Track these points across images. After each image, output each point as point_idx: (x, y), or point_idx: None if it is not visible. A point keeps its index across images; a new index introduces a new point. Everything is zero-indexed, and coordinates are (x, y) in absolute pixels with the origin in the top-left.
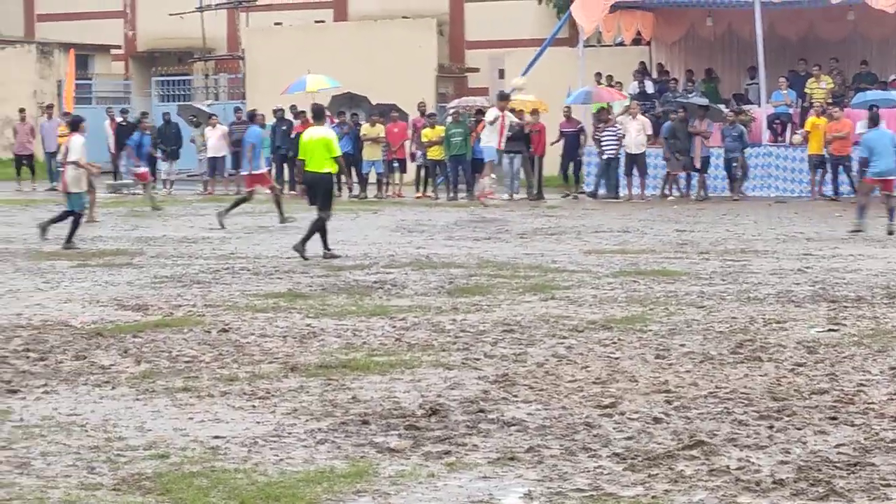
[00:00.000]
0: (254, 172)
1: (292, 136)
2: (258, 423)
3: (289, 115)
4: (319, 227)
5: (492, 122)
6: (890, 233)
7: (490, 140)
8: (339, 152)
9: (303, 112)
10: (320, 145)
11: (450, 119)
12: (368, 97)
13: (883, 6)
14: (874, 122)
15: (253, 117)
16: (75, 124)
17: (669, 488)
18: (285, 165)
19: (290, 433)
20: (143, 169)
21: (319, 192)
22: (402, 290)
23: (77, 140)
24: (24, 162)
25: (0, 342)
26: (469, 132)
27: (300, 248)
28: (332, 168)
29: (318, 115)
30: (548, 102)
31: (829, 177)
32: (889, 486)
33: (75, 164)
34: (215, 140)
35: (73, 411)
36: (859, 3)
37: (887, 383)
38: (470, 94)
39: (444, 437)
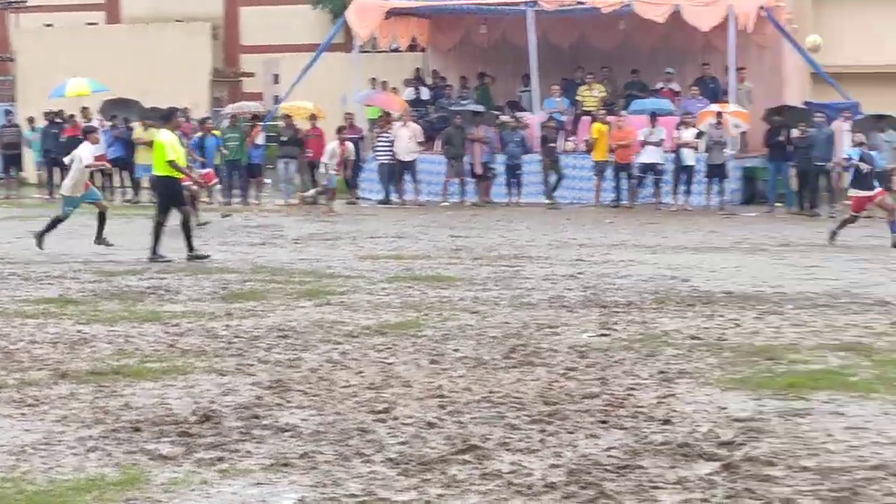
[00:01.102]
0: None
1: (62, 139)
2: (27, 430)
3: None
4: (157, 230)
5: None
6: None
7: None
8: (170, 156)
9: (72, 116)
10: (157, 149)
11: (226, 123)
12: (141, 101)
13: (652, 16)
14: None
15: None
16: (86, 132)
17: (442, 493)
18: (55, 169)
19: (59, 441)
20: None
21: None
22: (176, 296)
23: (87, 148)
24: None
25: None
26: (245, 137)
27: (193, 255)
28: (170, 172)
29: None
30: (323, 108)
31: (611, 184)
32: (657, 487)
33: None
34: None
35: None
36: (630, 12)
37: (656, 387)
38: (245, 98)
39: (217, 443)
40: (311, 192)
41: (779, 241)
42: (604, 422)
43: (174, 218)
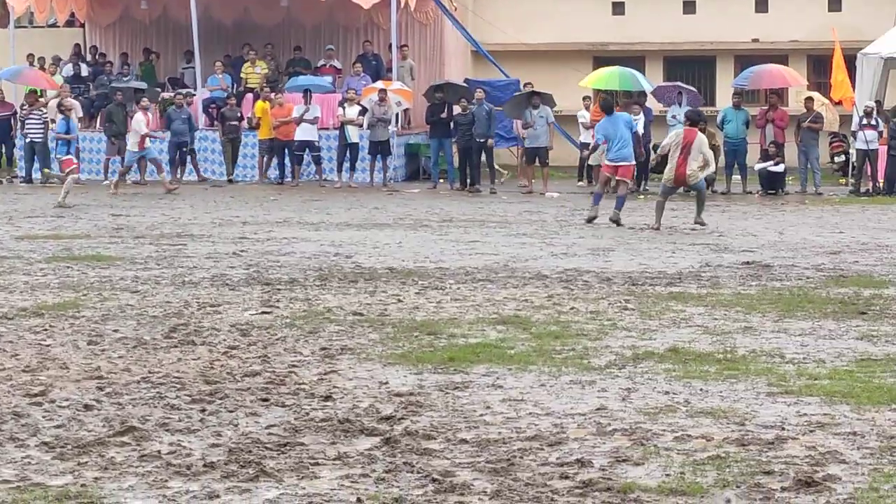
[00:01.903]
0: None
1: None
2: None
3: None
4: None
5: None
6: (613, 220)
7: None
8: None
9: None
10: None
11: None
12: None
13: None
14: (608, 110)
15: None
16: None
17: (100, 475)
18: None
19: None
20: None
21: None
22: None
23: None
24: None
25: None
26: None
27: None
28: None
29: None
30: None
31: (275, 161)
32: (317, 464)
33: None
34: None
35: None
36: None
37: (318, 363)
38: None
39: None
40: None
41: (441, 216)
42: (265, 400)
43: None
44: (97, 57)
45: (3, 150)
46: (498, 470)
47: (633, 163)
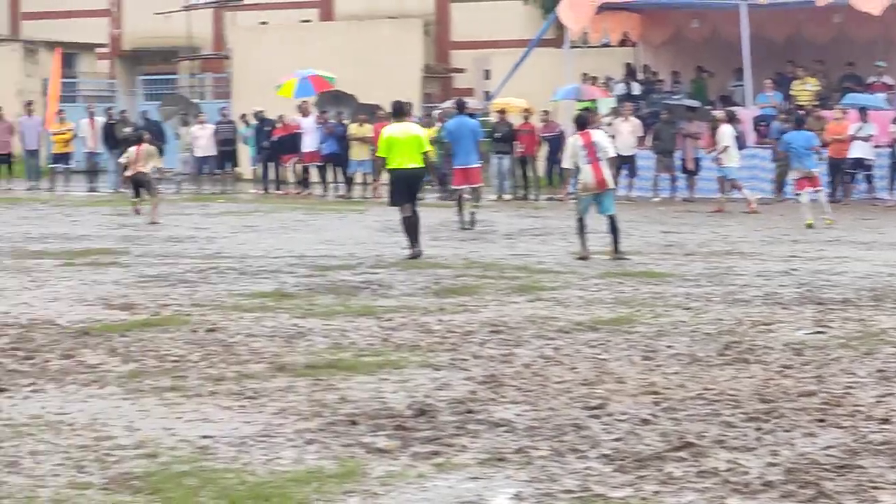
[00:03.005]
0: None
1: (274, 138)
2: (247, 422)
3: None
4: (413, 224)
5: None
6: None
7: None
8: (428, 147)
9: (282, 116)
10: (413, 142)
11: (437, 121)
12: (356, 96)
13: (868, 8)
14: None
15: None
16: None
17: (659, 490)
18: (270, 165)
19: (278, 433)
20: None
21: (414, 187)
22: (389, 291)
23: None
24: (1, 160)
25: None
26: None
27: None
28: (421, 163)
29: (399, 112)
30: (534, 104)
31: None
32: (878, 487)
33: None
34: (205, 139)
35: (61, 410)
36: (845, 5)
37: (874, 385)
38: (456, 94)
39: (433, 437)
40: None
41: None
42: (821, 420)
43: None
44: (648, 75)
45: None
46: None
47: None
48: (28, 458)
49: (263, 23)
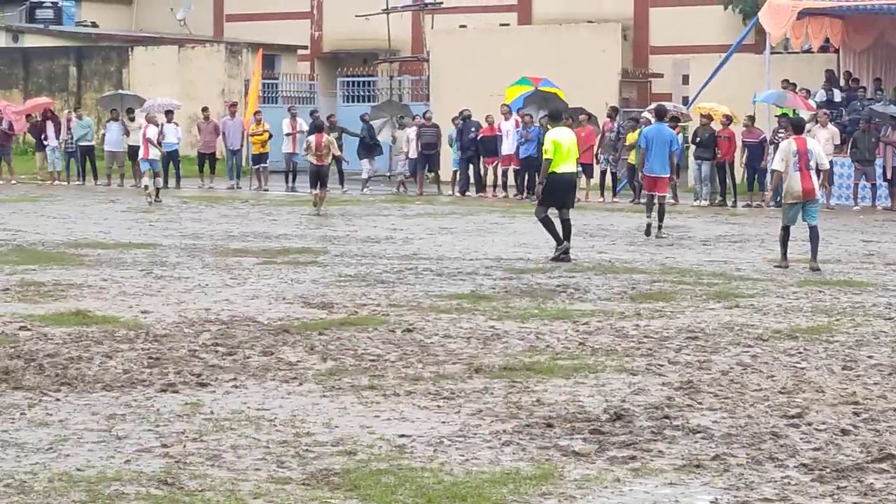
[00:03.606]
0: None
1: (478, 137)
2: (443, 422)
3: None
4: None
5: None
6: None
7: None
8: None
9: (489, 116)
10: (574, 147)
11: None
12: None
13: None
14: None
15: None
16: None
17: (859, 501)
18: (471, 165)
19: (475, 434)
20: None
21: (570, 192)
22: (585, 295)
23: None
24: (206, 160)
25: (190, 336)
26: None
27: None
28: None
29: (557, 117)
30: (733, 109)
31: None
32: None
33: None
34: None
35: (261, 406)
36: None
37: None
38: (654, 99)
39: (629, 442)
40: None
41: None
42: None
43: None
44: (850, 82)
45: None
46: None
47: None
48: (230, 452)
49: (462, 26)
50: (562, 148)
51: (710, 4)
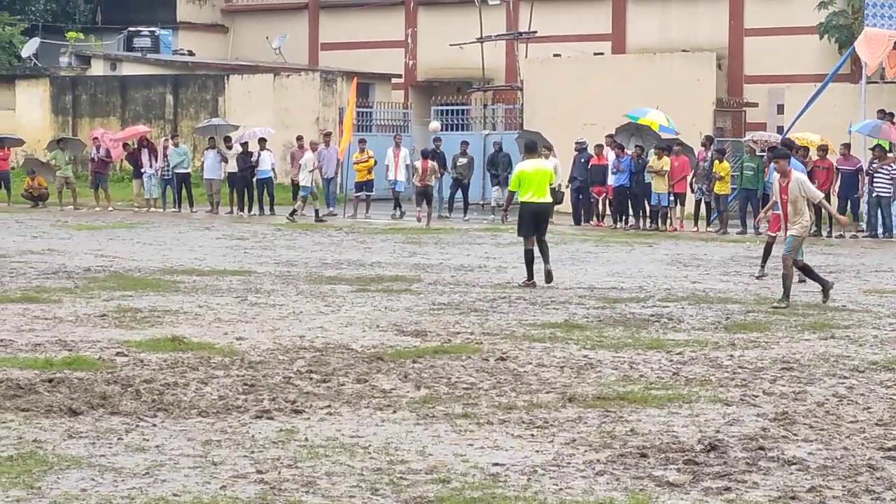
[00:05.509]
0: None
1: (588, 166)
2: (537, 451)
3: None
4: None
5: None
6: None
7: None
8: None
9: (600, 146)
10: (542, 177)
11: (746, 153)
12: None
13: None
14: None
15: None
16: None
17: None
18: (581, 195)
19: (569, 463)
20: None
21: (542, 221)
22: (679, 325)
23: None
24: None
25: (284, 363)
26: (762, 167)
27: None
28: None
29: (532, 148)
30: (828, 139)
31: None
32: None
33: None
34: None
35: (355, 433)
36: None
37: None
38: (749, 129)
39: (724, 472)
40: None
41: None
42: None
43: None
44: None
45: (847, 206)
46: None
47: None
48: (324, 479)
49: (556, 55)
50: (526, 179)
51: (806, 34)
